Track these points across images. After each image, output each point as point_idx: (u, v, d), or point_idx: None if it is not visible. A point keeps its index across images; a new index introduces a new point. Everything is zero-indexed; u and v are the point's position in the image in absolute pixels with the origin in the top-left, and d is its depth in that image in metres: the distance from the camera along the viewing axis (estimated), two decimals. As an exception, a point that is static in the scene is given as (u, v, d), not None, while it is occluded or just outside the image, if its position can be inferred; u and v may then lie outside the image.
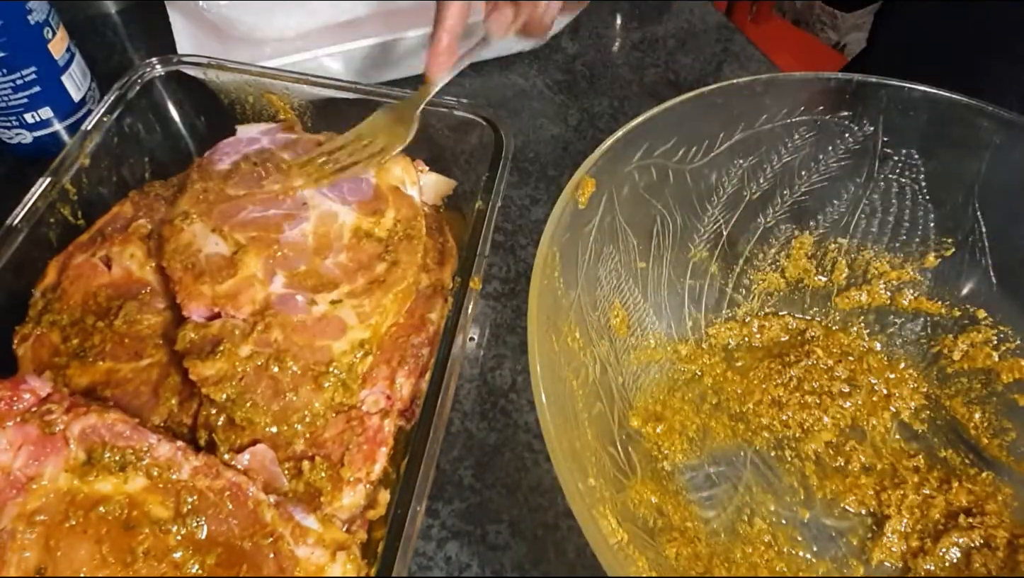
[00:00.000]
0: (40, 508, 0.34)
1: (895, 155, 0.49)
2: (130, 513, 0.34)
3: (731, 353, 0.53)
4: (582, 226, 0.43)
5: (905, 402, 0.50)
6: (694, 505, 0.45)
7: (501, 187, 0.49)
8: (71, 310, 0.44)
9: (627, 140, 0.43)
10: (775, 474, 0.47)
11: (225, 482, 0.36)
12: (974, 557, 0.43)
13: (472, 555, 0.44)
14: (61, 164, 0.48)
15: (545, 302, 0.38)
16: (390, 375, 0.43)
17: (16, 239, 0.45)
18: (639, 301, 0.49)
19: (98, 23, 0.75)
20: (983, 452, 0.48)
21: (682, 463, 0.47)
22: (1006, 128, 0.45)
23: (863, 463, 0.48)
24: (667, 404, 0.49)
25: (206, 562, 0.34)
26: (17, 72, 0.54)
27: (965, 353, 0.50)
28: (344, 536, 0.37)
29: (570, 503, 0.32)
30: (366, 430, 0.40)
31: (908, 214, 0.50)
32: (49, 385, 0.37)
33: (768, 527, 0.45)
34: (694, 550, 0.43)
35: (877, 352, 0.53)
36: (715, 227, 0.51)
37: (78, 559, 0.33)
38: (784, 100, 0.47)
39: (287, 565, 0.35)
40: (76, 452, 0.35)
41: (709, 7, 0.84)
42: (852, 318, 0.54)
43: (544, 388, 0.34)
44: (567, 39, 0.77)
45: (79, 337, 0.43)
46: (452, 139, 0.55)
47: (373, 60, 0.65)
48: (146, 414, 0.40)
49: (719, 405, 0.50)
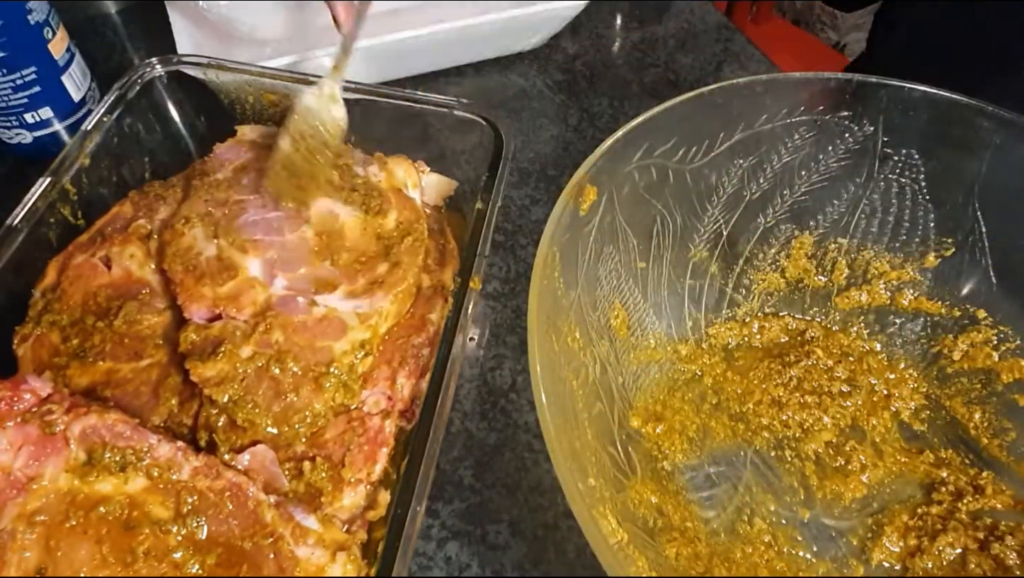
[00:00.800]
0: (40, 508, 0.34)
1: (895, 155, 0.49)
2: (130, 513, 0.34)
3: (731, 353, 0.53)
4: (582, 226, 0.43)
5: (905, 402, 0.50)
6: (694, 505, 0.45)
7: (501, 187, 0.49)
8: (71, 310, 0.44)
9: (627, 140, 0.43)
10: (775, 474, 0.47)
11: (225, 482, 0.36)
12: (973, 557, 0.43)
13: (472, 555, 0.44)
14: (61, 164, 0.48)
15: (545, 302, 0.38)
16: (391, 375, 0.43)
17: (16, 239, 0.45)
18: (639, 301, 0.49)
19: (98, 23, 0.75)
20: (983, 452, 0.48)
21: (682, 463, 0.47)
22: (1006, 128, 0.45)
23: (863, 463, 0.48)
24: (667, 404, 0.49)
25: (206, 562, 0.34)
26: (17, 72, 0.54)
27: (965, 353, 0.50)
28: (344, 536, 0.37)
29: (570, 503, 0.32)
30: (367, 431, 0.40)
31: (908, 214, 0.50)
32: (49, 385, 0.37)
33: (768, 527, 0.45)
34: (694, 550, 0.43)
35: (877, 352, 0.53)
36: (715, 227, 0.51)
37: (78, 559, 0.33)
38: (784, 100, 0.47)
39: (287, 565, 0.35)
40: (76, 452, 0.35)
41: (709, 7, 0.84)
42: (852, 318, 0.54)
43: (544, 388, 0.34)
44: (567, 39, 0.77)
45: (79, 337, 0.43)
46: (452, 139, 0.55)
47: (373, 60, 0.65)
48: (146, 414, 0.40)
49: (719, 405, 0.50)
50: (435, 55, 0.70)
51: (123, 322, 0.43)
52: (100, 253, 0.47)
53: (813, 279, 0.54)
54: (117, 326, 0.43)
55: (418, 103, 0.54)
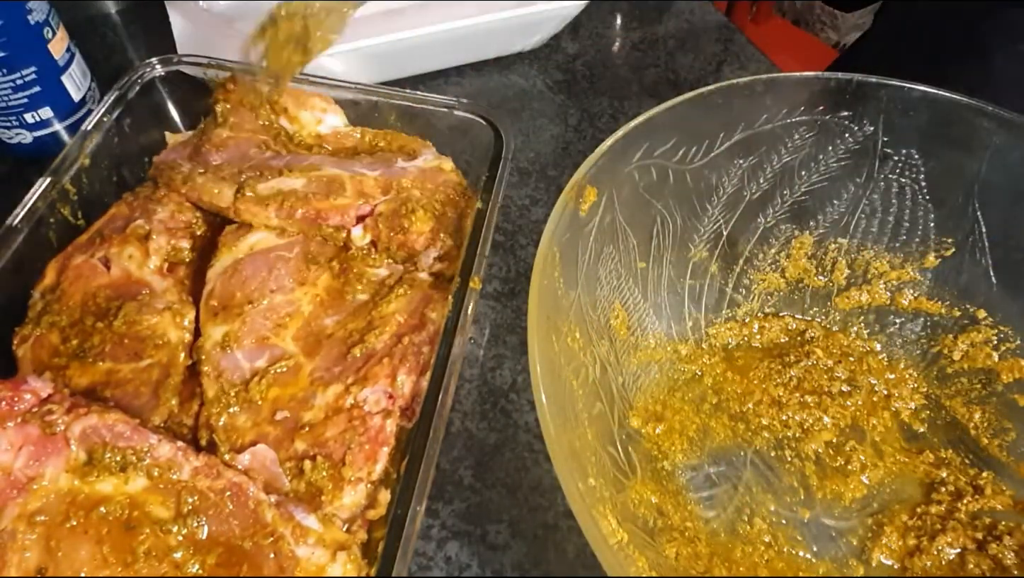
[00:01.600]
0: (41, 509, 0.34)
1: (895, 155, 0.49)
2: (131, 513, 0.34)
3: (731, 353, 0.53)
4: (582, 226, 0.43)
5: (905, 402, 0.51)
6: (694, 505, 0.45)
7: (501, 187, 0.49)
8: (70, 311, 0.44)
9: (627, 140, 0.43)
10: (775, 474, 0.47)
11: (226, 482, 0.36)
12: (972, 557, 0.43)
13: (472, 555, 0.44)
14: (61, 164, 0.48)
15: (545, 302, 0.38)
16: (391, 373, 0.43)
17: (16, 239, 0.45)
18: (639, 301, 0.49)
19: (98, 23, 0.75)
20: (983, 452, 0.48)
21: (682, 463, 0.47)
22: (1006, 128, 0.45)
23: (863, 463, 0.48)
24: (667, 404, 0.49)
25: (207, 562, 0.34)
26: (17, 72, 0.54)
27: (965, 353, 0.50)
28: (345, 536, 0.37)
29: (570, 503, 0.32)
30: (368, 429, 0.40)
31: (908, 214, 0.50)
32: (50, 386, 0.37)
33: (768, 527, 0.45)
34: (694, 550, 0.43)
35: (877, 352, 0.53)
36: (715, 227, 0.51)
37: (79, 559, 0.33)
38: (784, 100, 0.47)
39: (287, 565, 0.35)
40: (77, 452, 0.35)
41: (709, 7, 0.84)
42: (852, 318, 0.54)
43: (544, 388, 0.34)
44: (567, 39, 0.77)
45: (79, 338, 0.43)
46: (452, 139, 0.55)
47: (373, 60, 0.65)
48: (146, 414, 0.40)
49: (719, 405, 0.50)
50: (435, 55, 0.70)
51: (123, 322, 0.43)
52: (99, 254, 0.47)
53: (813, 279, 0.54)
54: (117, 326, 0.43)
55: (418, 103, 0.54)
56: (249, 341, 0.43)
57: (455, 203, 0.51)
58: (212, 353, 0.43)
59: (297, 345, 0.44)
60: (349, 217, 0.48)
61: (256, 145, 0.52)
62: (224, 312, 0.44)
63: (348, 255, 0.49)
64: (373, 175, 0.50)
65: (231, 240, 0.48)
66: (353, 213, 0.48)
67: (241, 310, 0.44)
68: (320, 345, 0.44)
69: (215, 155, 0.52)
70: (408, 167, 0.52)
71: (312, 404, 0.41)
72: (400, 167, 0.52)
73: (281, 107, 0.55)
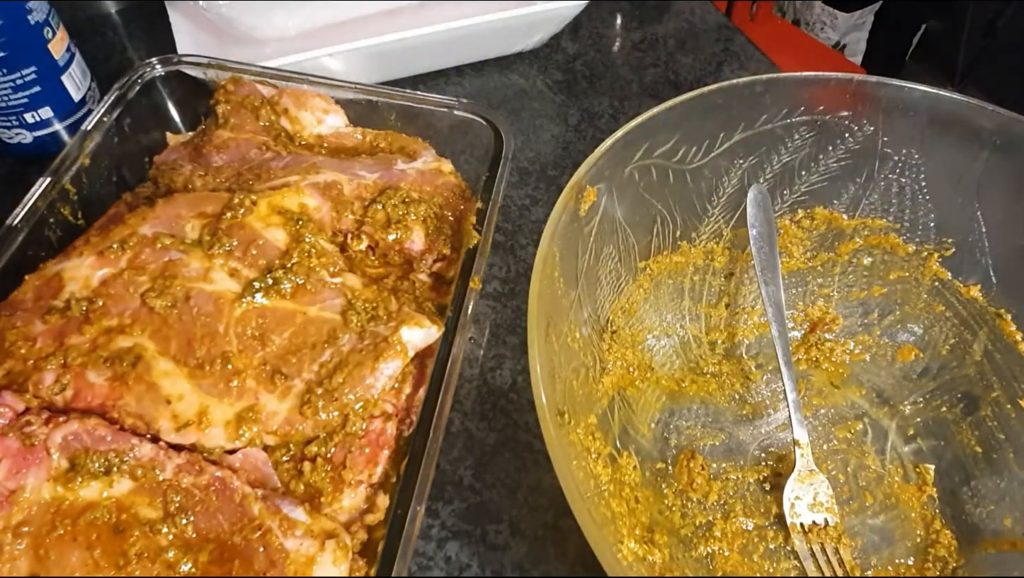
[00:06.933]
0: (25, 520, 0.34)
1: (895, 155, 0.49)
2: (119, 516, 0.34)
3: (731, 353, 0.53)
4: (582, 226, 0.43)
5: (904, 404, 0.50)
6: (693, 504, 0.46)
7: (501, 187, 0.49)
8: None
9: (627, 140, 0.43)
10: (774, 474, 0.47)
11: (209, 477, 0.36)
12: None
13: (472, 555, 0.44)
14: (61, 164, 0.48)
15: (545, 302, 0.37)
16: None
17: (16, 239, 0.45)
18: (639, 301, 0.49)
19: (98, 23, 0.75)
20: (983, 452, 0.48)
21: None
22: (1006, 128, 0.45)
23: (863, 465, 0.48)
24: (667, 404, 0.49)
25: (199, 560, 0.34)
26: (17, 72, 0.54)
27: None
28: (332, 524, 0.36)
29: (570, 503, 0.32)
30: (369, 433, 0.40)
31: (908, 214, 0.50)
32: (22, 403, 0.37)
33: (755, 527, 0.45)
34: (698, 553, 0.43)
35: (875, 353, 0.53)
36: (715, 227, 0.51)
37: (70, 566, 0.33)
38: (784, 100, 0.47)
39: (277, 558, 0.34)
40: (59, 461, 0.35)
41: (709, 7, 0.84)
42: (851, 319, 0.54)
43: (544, 388, 0.34)
44: (567, 39, 0.77)
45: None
46: (452, 139, 0.55)
47: (373, 60, 0.65)
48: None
49: (720, 406, 0.50)
50: (435, 55, 0.70)
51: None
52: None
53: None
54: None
55: (418, 103, 0.54)
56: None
57: (454, 205, 0.51)
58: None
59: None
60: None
61: (257, 146, 0.52)
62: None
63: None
64: (372, 177, 0.50)
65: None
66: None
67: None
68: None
69: (216, 156, 0.52)
70: (407, 169, 0.52)
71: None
72: (399, 169, 0.52)
73: (282, 108, 0.55)
